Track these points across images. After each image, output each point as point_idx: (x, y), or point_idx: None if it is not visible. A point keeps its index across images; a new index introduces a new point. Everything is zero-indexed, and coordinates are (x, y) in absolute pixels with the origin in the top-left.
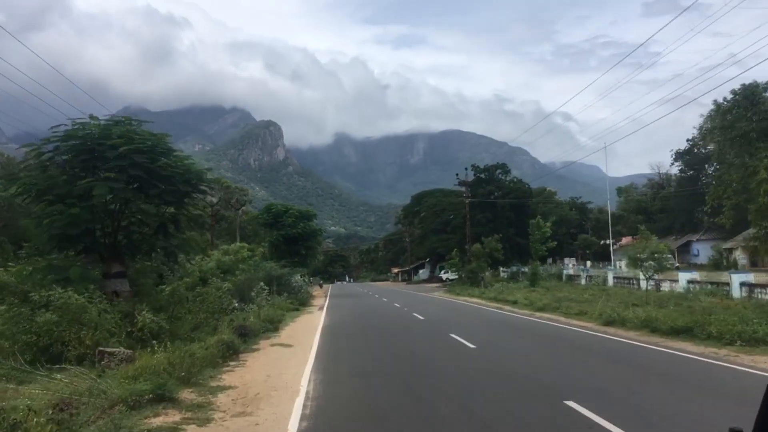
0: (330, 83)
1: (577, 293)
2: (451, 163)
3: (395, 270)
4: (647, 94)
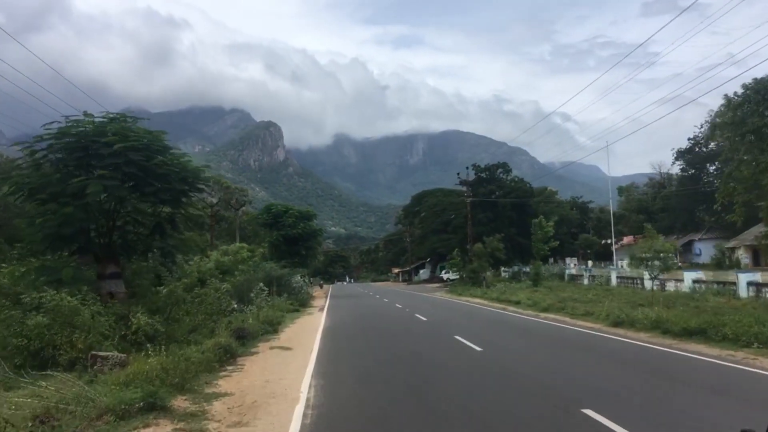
0: (329, 84)
1: (581, 293)
2: (451, 164)
3: (395, 270)
4: (646, 94)
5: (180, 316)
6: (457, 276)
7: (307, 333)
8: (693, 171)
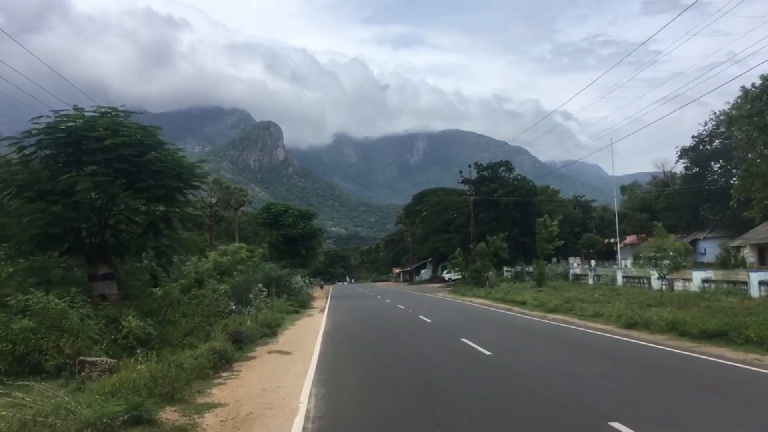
0: (329, 84)
1: (587, 293)
2: (451, 163)
3: (396, 270)
4: (648, 93)
5: (176, 318)
6: (459, 276)
7: (307, 336)
8: (697, 169)
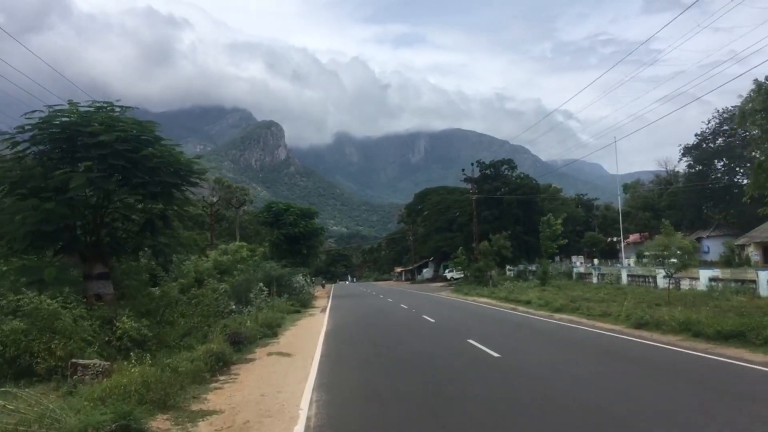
0: (330, 83)
1: (592, 292)
2: (453, 162)
3: (398, 269)
4: (649, 91)
5: (174, 318)
6: (461, 275)
7: (309, 336)
8: (700, 167)
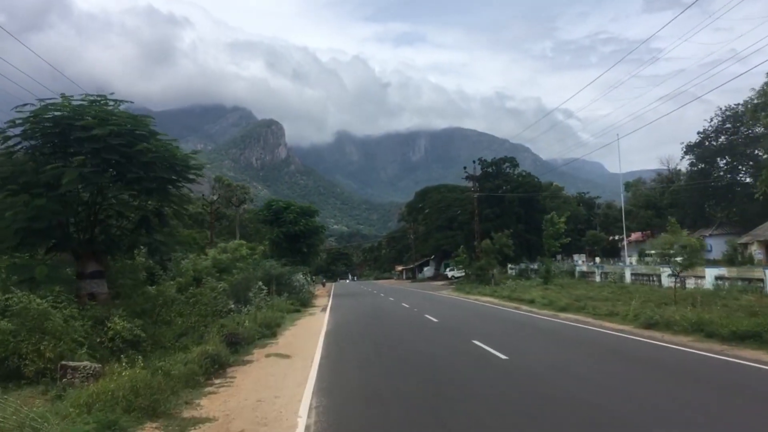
0: (331, 81)
1: (595, 291)
2: (453, 161)
3: (399, 268)
4: (650, 90)
5: (171, 318)
6: (462, 273)
7: (309, 337)
8: (703, 165)
